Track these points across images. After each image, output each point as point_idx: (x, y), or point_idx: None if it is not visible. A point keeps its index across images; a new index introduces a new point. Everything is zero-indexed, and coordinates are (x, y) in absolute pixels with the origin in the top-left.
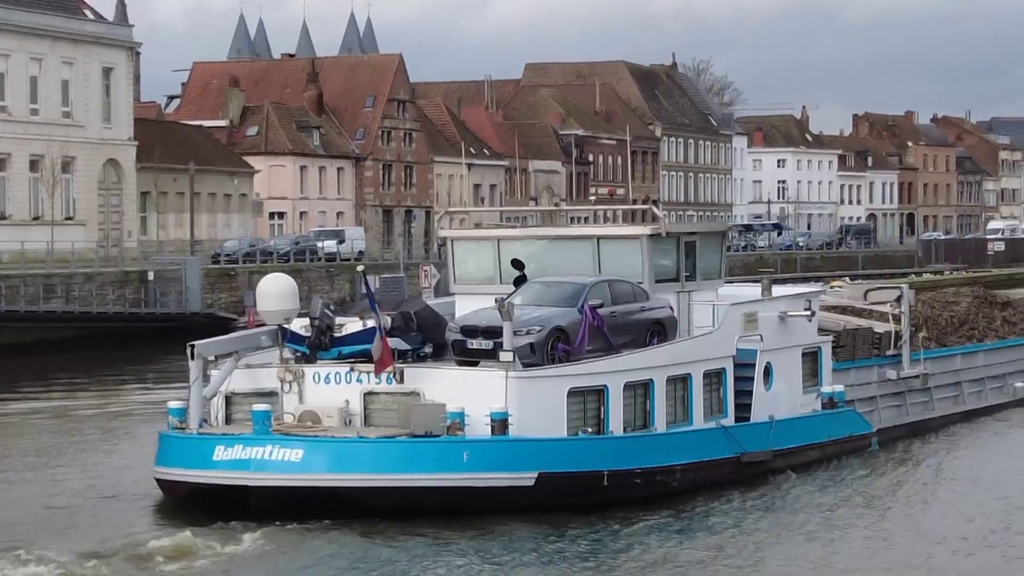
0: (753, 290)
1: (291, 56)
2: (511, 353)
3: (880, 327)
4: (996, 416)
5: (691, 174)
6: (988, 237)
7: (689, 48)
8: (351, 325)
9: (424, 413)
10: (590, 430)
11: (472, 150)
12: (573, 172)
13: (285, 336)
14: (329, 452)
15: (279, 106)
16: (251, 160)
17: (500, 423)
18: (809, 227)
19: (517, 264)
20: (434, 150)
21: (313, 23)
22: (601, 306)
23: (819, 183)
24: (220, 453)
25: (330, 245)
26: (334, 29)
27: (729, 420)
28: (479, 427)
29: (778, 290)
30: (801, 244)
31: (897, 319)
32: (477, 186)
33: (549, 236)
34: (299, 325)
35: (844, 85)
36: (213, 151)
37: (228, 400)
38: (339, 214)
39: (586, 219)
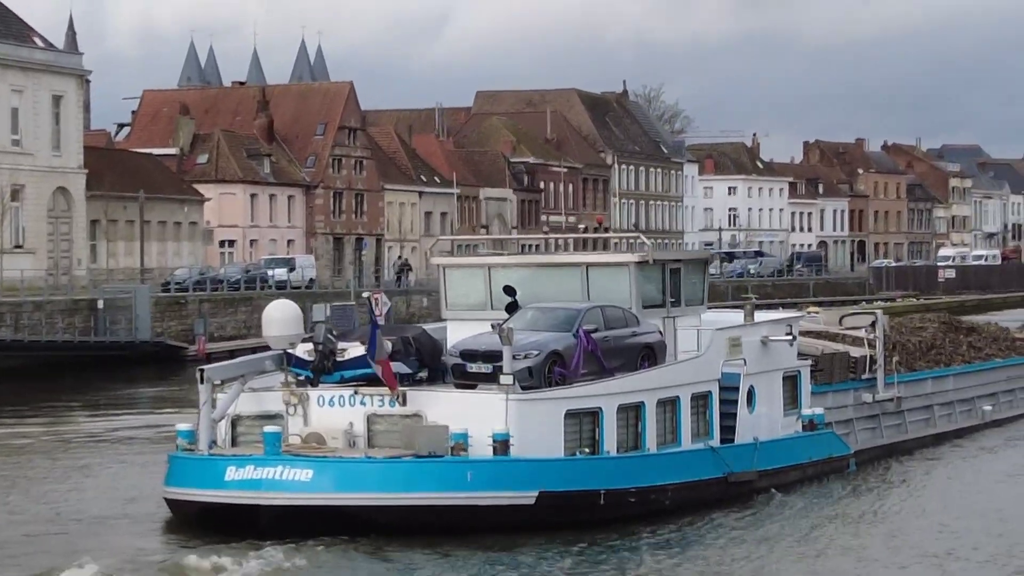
0: (729, 315)
1: (242, 84)
2: (511, 376)
3: (856, 351)
4: (966, 438)
5: (642, 201)
6: (939, 264)
7: (643, 76)
8: (353, 350)
9: (428, 434)
10: (587, 450)
11: (423, 178)
12: (524, 200)
13: (289, 361)
14: (338, 472)
15: (229, 134)
16: (201, 188)
17: (502, 444)
18: (794, 255)
19: (509, 290)
20: (385, 178)
21: (264, 51)
22: (595, 331)
23: (770, 210)
24: (232, 473)
25: (280, 273)
26: (285, 57)
27: (715, 441)
28: (481, 448)
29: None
30: (752, 272)
31: (872, 344)
32: (428, 214)
33: (539, 263)
34: (302, 350)
35: (795, 113)
36: (163, 179)
37: (234, 422)
38: (289, 242)
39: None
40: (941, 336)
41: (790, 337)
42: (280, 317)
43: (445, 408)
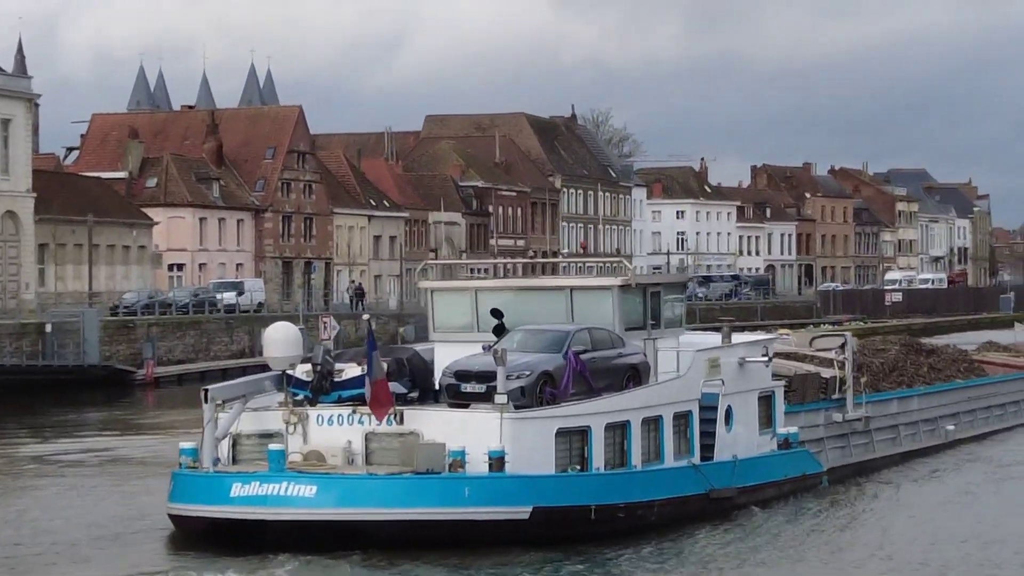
0: (706, 337)
1: (191, 108)
2: (505, 396)
3: (826, 372)
4: (931, 457)
5: (591, 225)
6: (886, 288)
7: (596, 100)
8: (350, 370)
9: (426, 452)
10: (577, 467)
11: (372, 201)
12: (473, 224)
13: (288, 381)
14: (341, 488)
15: (179, 157)
16: (150, 212)
17: (497, 460)
18: (773, 280)
19: (496, 313)
20: (334, 202)
21: (213, 75)
22: (583, 352)
23: (718, 234)
24: (238, 489)
25: (229, 297)
26: (234, 81)
27: (695, 459)
28: (476, 465)
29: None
30: (700, 295)
31: (841, 365)
32: (377, 238)
33: (524, 287)
34: (300, 370)
35: (745, 137)
36: (112, 203)
37: (235, 441)
38: (238, 266)
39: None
40: (903, 358)
41: (766, 358)
42: (281, 339)
43: (441, 426)
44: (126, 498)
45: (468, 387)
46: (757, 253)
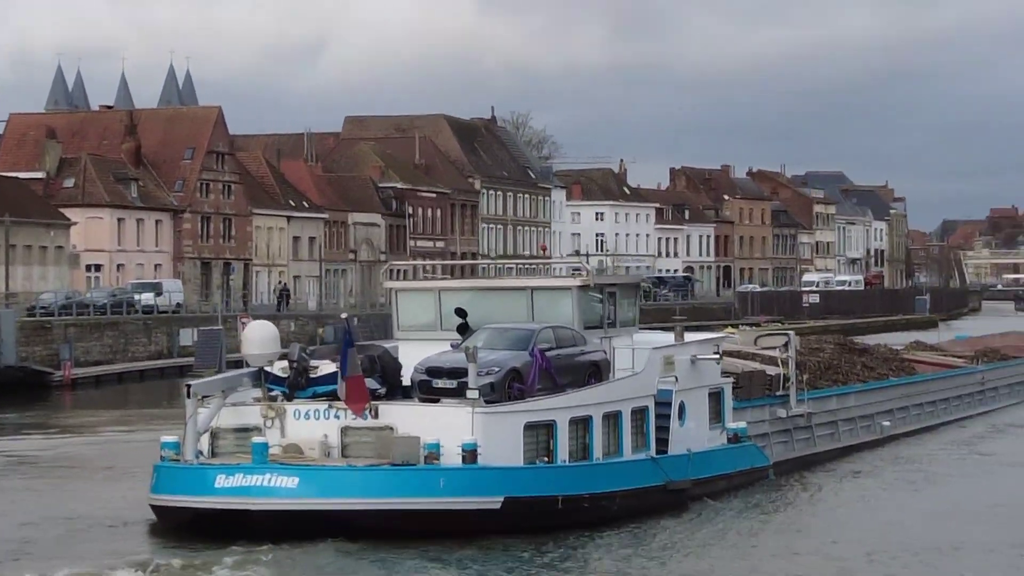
0: (656, 335)
1: (109, 108)
2: (476, 391)
3: (771, 370)
4: (868, 451)
5: (510, 227)
6: (803, 289)
7: (519, 103)
8: (325, 367)
9: (403, 445)
10: (545, 459)
11: (291, 202)
12: (392, 225)
13: (266, 377)
14: (323, 479)
15: (97, 158)
16: (68, 212)
17: (470, 453)
18: (659, 280)
19: (461, 312)
20: (253, 203)
21: (132, 75)
22: (548, 350)
23: (637, 236)
24: (222, 481)
25: (148, 298)
26: (153, 82)
27: (651, 452)
28: (449, 457)
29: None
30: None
31: (785, 363)
32: (296, 239)
33: (487, 287)
34: (277, 367)
35: (665, 141)
36: (29, 203)
37: (214, 435)
38: (157, 266)
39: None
40: (838, 356)
41: (717, 356)
42: (259, 337)
43: (415, 421)
44: (93, 494)
45: (440, 383)
46: (676, 255)
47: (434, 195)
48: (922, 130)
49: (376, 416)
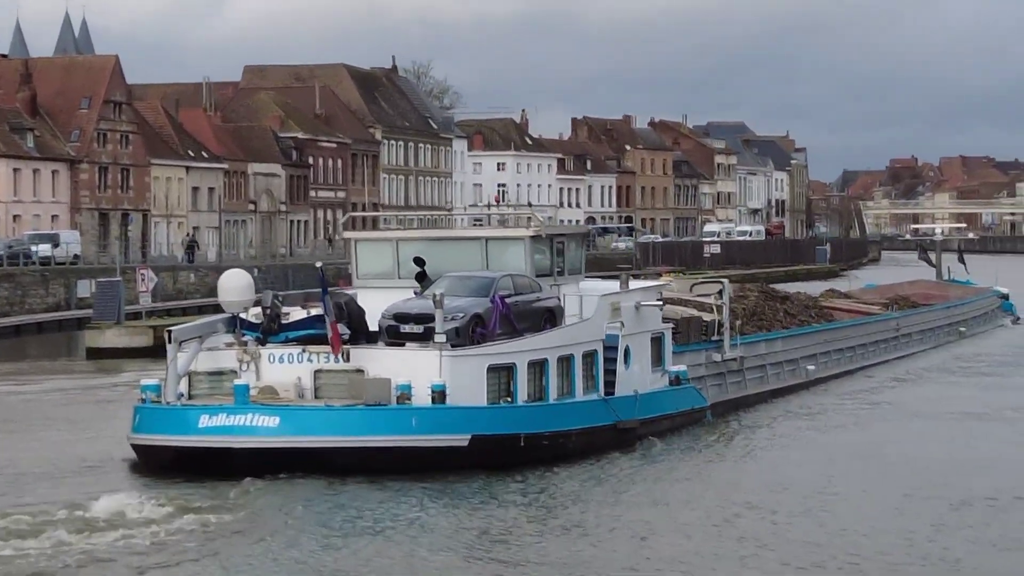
0: (601, 283)
1: (4, 57)
2: (443, 336)
3: (707, 316)
4: (794, 394)
5: (411, 177)
6: (704, 240)
7: (427, 53)
8: (295, 313)
9: (374, 386)
10: (507, 400)
11: (190, 153)
12: (292, 175)
13: (240, 324)
14: (302, 418)
15: None
16: None
17: (439, 394)
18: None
19: (419, 261)
20: (151, 153)
21: (27, 24)
22: (508, 296)
23: (539, 186)
24: (205, 420)
25: (44, 249)
26: (49, 30)
27: (600, 394)
28: (417, 399)
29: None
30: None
31: (719, 310)
32: (195, 189)
33: (442, 237)
34: (251, 314)
35: (570, 91)
36: None
37: (191, 378)
38: (54, 217)
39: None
40: (762, 304)
41: (660, 303)
42: (235, 285)
43: (384, 364)
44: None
45: (407, 328)
46: (578, 205)
47: (335, 145)
48: (824, 81)
49: (348, 359)
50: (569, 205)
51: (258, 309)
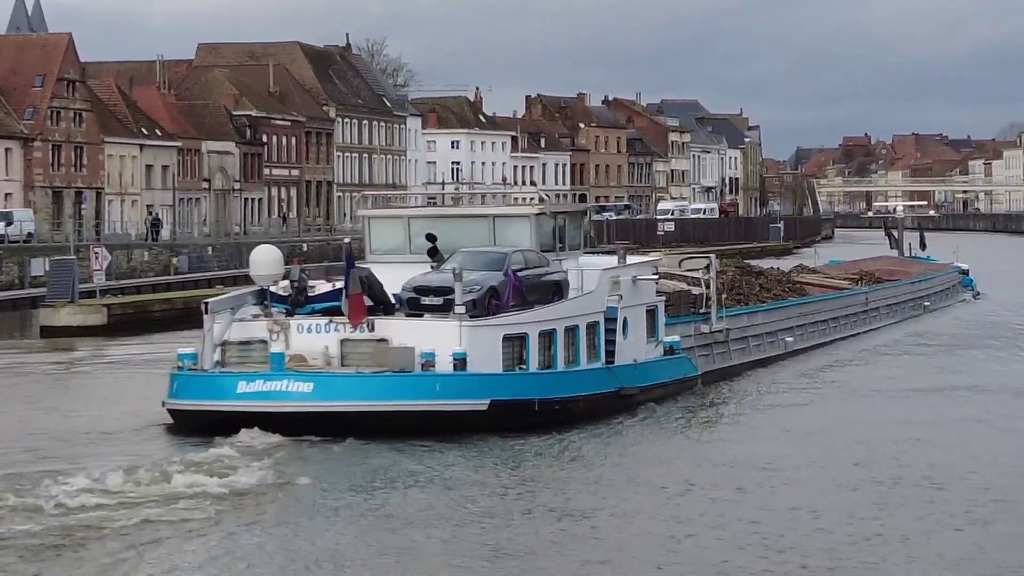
0: (598, 258)
1: None
2: (463, 307)
3: (695, 290)
4: (776, 364)
5: (365, 155)
6: (658, 218)
7: (381, 31)
8: (321, 286)
9: (399, 355)
10: (520, 367)
11: (144, 131)
12: (246, 153)
13: (268, 296)
14: (335, 384)
15: None
16: None
17: (461, 361)
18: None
19: (431, 237)
20: (105, 131)
21: None
22: (520, 270)
23: (493, 164)
24: (244, 386)
25: None
26: (1, 8)
27: (601, 363)
28: (439, 366)
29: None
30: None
31: (707, 284)
32: (149, 167)
33: (452, 215)
34: (280, 287)
35: (525, 69)
36: None
37: (223, 347)
38: (7, 195)
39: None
40: (739, 278)
41: (655, 277)
42: (266, 259)
43: (406, 333)
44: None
45: (427, 300)
46: (532, 183)
47: (288, 123)
48: (778, 58)
49: (372, 329)
50: (523, 183)
51: (286, 282)
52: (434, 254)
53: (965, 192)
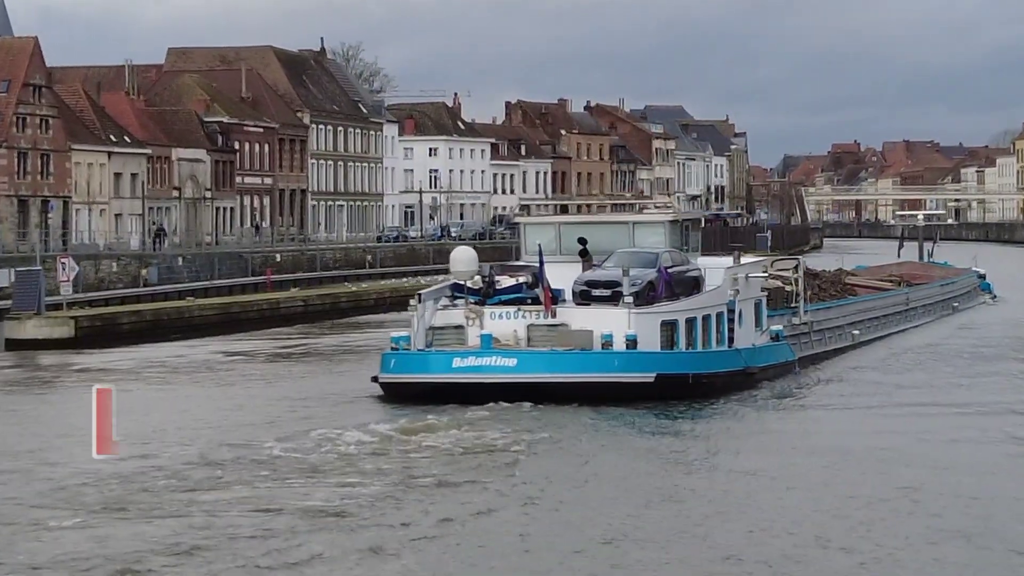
0: (716, 259)
1: None
2: (631, 297)
3: (788, 287)
4: (848, 353)
5: (340, 163)
6: None
7: (358, 36)
8: (505, 281)
9: (580, 336)
10: (672, 348)
11: (112, 137)
12: (218, 160)
13: (461, 289)
14: (535, 360)
15: None
16: None
17: (632, 342)
18: (496, 218)
19: (582, 241)
20: (72, 137)
21: None
22: (670, 267)
23: (471, 172)
24: (459, 362)
25: None
26: None
27: (725, 347)
28: (612, 346)
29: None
30: (454, 234)
31: (796, 282)
32: (118, 175)
33: (597, 221)
34: (471, 282)
35: (506, 74)
36: None
37: (428, 331)
38: None
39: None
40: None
41: (765, 275)
42: (465, 258)
43: (583, 319)
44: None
45: (597, 292)
46: (512, 191)
47: (261, 130)
48: (765, 64)
49: (554, 316)
50: (503, 191)
51: (477, 277)
52: (585, 255)
53: (957, 200)
